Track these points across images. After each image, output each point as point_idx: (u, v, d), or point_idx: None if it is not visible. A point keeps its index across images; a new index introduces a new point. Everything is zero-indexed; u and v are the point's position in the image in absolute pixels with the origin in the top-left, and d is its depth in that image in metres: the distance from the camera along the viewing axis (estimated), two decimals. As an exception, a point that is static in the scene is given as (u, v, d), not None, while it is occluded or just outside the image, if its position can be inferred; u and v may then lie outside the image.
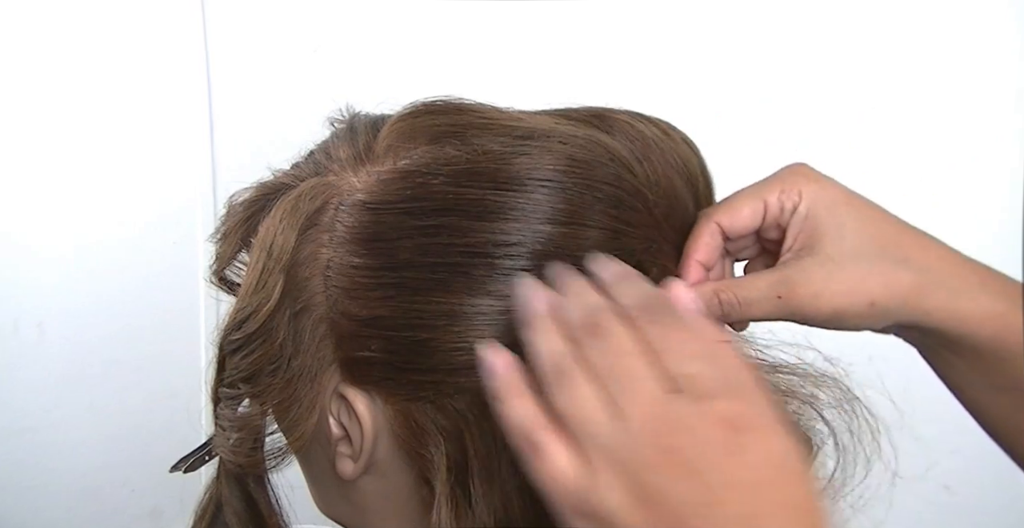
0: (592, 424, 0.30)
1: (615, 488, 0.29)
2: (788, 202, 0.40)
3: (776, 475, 0.28)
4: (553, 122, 0.42)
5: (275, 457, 0.45)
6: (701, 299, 0.39)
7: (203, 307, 1.03)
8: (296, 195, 0.42)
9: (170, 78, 0.99)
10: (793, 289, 0.38)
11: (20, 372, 0.90)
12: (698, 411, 0.29)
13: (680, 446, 0.29)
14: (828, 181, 0.41)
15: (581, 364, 0.32)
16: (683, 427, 0.29)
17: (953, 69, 1.02)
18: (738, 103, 1.13)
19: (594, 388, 0.31)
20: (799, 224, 0.40)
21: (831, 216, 0.39)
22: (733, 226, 0.41)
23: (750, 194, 0.41)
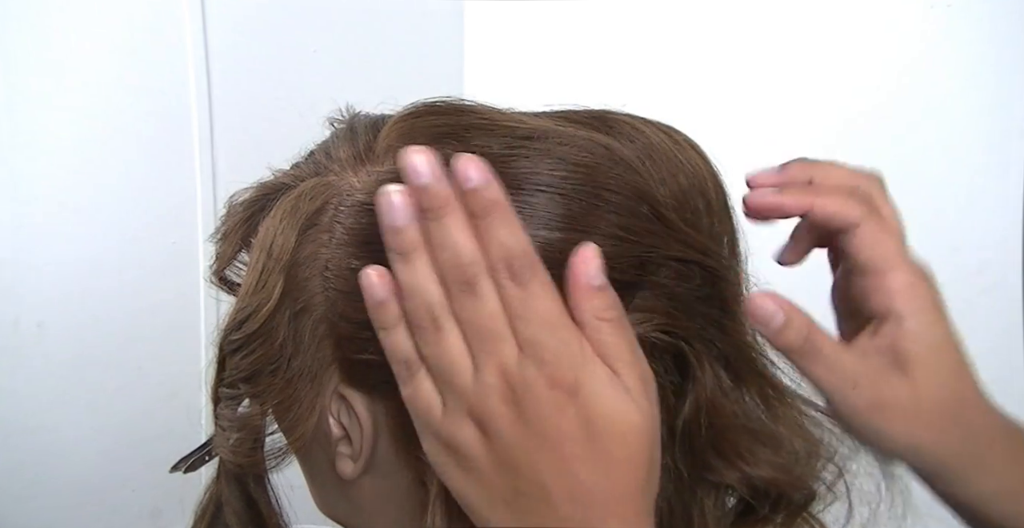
0: (454, 373, 0.36)
1: (464, 424, 0.35)
2: (899, 303, 0.39)
3: (599, 430, 0.34)
4: (554, 124, 0.42)
5: (275, 457, 0.45)
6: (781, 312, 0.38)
7: (203, 307, 1.03)
8: (296, 195, 0.42)
9: (171, 78, 0.99)
10: (869, 393, 0.38)
11: (20, 372, 0.90)
12: (538, 374, 0.34)
13: (521, 400, 0.34)
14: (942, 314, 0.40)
15: (451, 317, 0.36)
16: (525, 386, 0.34)
17: (953, 69, 1.02)
18: (739, 104, 1.13)
19: (460, 341, 0.36)
20: (896, 332, 0.39)
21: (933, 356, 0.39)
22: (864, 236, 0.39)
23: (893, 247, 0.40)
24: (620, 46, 1.21)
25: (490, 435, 0.35)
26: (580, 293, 0.35)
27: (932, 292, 0.40)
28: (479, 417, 0.35)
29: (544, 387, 0.34)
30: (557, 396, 0.34)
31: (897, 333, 0.39)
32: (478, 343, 0.35)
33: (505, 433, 0.35)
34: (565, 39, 1.26)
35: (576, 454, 0.34)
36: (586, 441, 0.34)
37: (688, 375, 0.40)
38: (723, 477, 0.39)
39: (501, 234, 0.35)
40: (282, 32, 1.10)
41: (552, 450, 0.34)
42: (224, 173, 1.03)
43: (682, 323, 0.39)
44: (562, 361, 0.34)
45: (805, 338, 0.38)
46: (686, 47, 1.17)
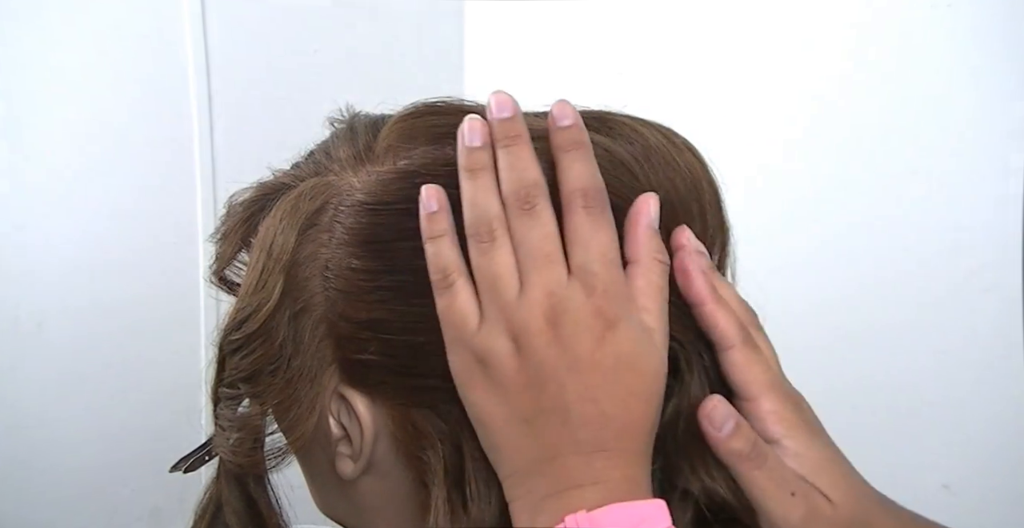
0: (500, 287, 0.37)
1: (500, 337, 0.36)
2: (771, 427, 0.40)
3: (625, 365, 0.36)
4: (554, 124, 0.42)
5: (275, 457, 0.45)
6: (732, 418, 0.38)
7: (203, 307, 1.03)
8: (296, 195, 0.42)
9: (171, 78, 0.99)
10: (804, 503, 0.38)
11: (20, 371, 0.90)
12: (585, 301, 0.36)
13: (562, 322, 0.36)
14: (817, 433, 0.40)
15: (506, 233, 0.37)
16: (569, 309, 0.36)
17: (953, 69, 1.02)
18: (738, 105, 1.13)
19: (511, 258, 0.37)
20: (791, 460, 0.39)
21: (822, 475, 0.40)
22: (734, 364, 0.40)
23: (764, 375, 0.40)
24: (620, 46, 1.21)
25: (524, 351, 0.36)
26: (642, 231, 0.38)
27: (803, 413, 0.41)
28: (517, 332, 0.36)
29: (588, 314, 0.36)
30: (598, 325, 0.36)
31: (782, 455, 0.39)
32: (530, 261, 0.37)
33: (540, 351, 0.36)
34: (565, 39, 1.26)
35: (602, 383, 0.36)
36: (614, 372, 0.36)
37: (678, 377, 0.40)
38: (688, 483, 0.39)
39: (583, 167, 0.37)
40: (282, 32, 1.10)
41: (582, 374, 0.36)
42: (224, 173, 1.03)
43: (676, 327, 0.40)
44: (611, 295, 0.36)
45: (753, 444, 0.38)
46: (686, 47, 1.17)
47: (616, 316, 0.36)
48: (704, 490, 0.39)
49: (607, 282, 0.36)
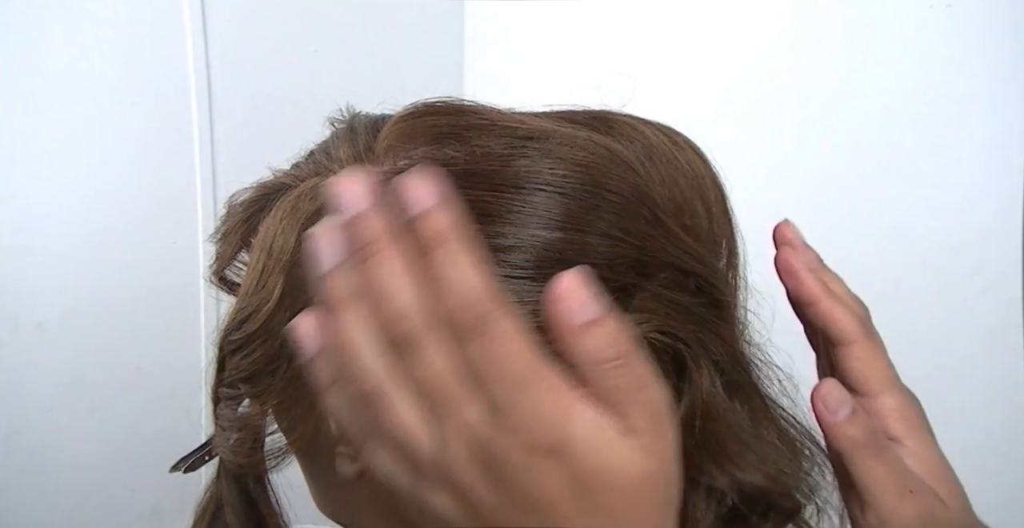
0: (409, 445, 0.31)
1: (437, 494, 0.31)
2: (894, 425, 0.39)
3: (587, 488, 0.29)
4: (554, 124, 0.42)
5: (275, 457, 0.45)
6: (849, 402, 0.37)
7: (203, 307, 1.03)
8: (296, 195, 0.42)
9: (171, 78, 0.99)
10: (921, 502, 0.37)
11: (20, 372, 0.90)
12: (513, 441, 0.29)
13: (496, 469, 0.30)
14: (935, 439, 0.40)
15: (394, 378, 0.30)
16: (498, 455, 0.29)
17: (953, 69, 1.02)
18: (738, 105, 1.13)
19: (414, 409, 0.30)
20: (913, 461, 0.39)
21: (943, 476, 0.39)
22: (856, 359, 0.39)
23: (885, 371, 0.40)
24: (620, 46, 1.21)
25: (466, 503, 0.30)
26: (567, 336, 0.30)
27: (922, 414, 0.40)
28: (451, 488, 0.31)
29: (521, 454, 0.29)
30: (538, 462, 0.29)
31: (907, 456, 0.38)
32: (431, 408, 0.30)
33: (485, 500, 0.30)
34: (565, 39, 1.26)
35: (570, 515, 0.30)
36: (580, 501, 0.30)
37: (685, 377, 0.39)
38: (714, 480, 0.39)
39: (456, 273, 0.29)
40: (282, 32, 1.10)
41: (542, 514, 0.30)
42: (224, 173, 1.03)
43: (680, 325, 0.39)
44: (539, 423, 0.29)
45: (872, 433, 0.37)
46: (686, 47, 1.17)
47: (558, 441, 0.29)
48: (733, 483, 0.39)
49: (529, 411, 0.29)
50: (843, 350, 0.39)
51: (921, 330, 1.04)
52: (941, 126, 1.02)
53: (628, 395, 0.30)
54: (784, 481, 0.38)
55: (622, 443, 0.30)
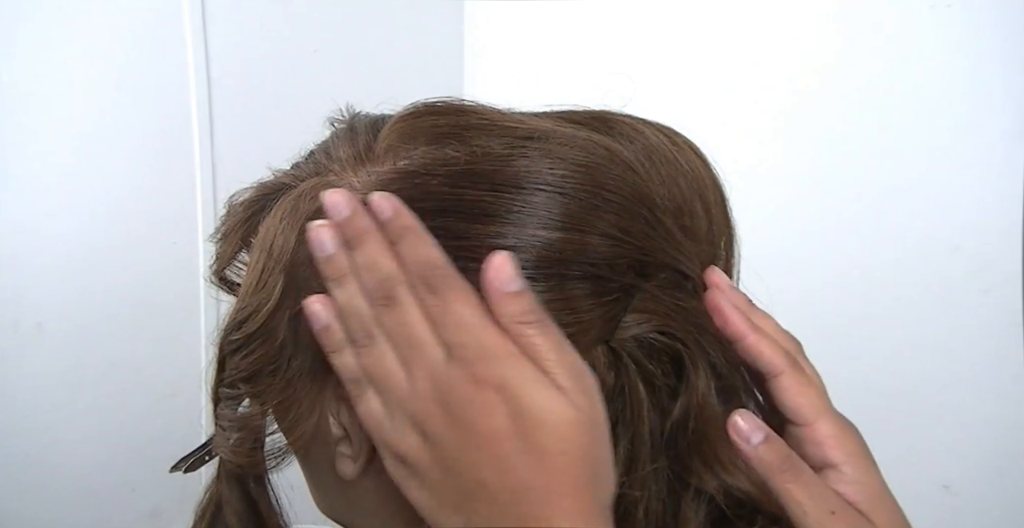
0: (389, 382, 0.37)
1: (409, 433, 0.36)
2: (831, 452, 0.40)
3: (529, 425, 0.34)
4: (554, 124, 0.42)
5: (275, 457, 0.45)
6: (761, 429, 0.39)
7: (203, 307, 1.03)
8: (296, 195, 0.42)
9: (171, 78, 0.99)
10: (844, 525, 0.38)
11: (20, 372, 0.90)
12: (464, 374, 0.35)
13: (450, 401, 0.35)
14: (875, 464, 0.40)
15: (380, 329, 0.37)
16: (454, 387, 0.35)
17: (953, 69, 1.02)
18: (738, 105, 1.13)
19: (391, 351, 0.37)
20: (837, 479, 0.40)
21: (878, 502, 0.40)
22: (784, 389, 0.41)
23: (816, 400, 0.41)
24: (620, 46, 1.21)
25: (429, 440, 0.36)
26: (495, 299, 0.36)
27: (859, 440, 0.41)
28: (418, 423, 0.36)
29: (470, 385, 0.35)
30: (484, 394, 0.35)
31: (841, 481, 0.39)
32: (406, 351, 0.36)
33: (441, 435, 0.35)
34: (565, 39, 1.26)
35: (509, 450, 0.34)
36: (518, 437, 0.34)
37: (682, 378, 0.40)
38: (703, 483, 0.39)
39: (415, 252, 0.36)
40: (282, 32, 1.10)
41: (486, 447, 0.34)
42: (224, 173, 1.03)
43: (680, 326, 0.40)
44: (486, 359, 0.35)
45: (786, 457, 0.38)
46: (686, 47, 1.17)
47: (500, 378, 0.35)
48: (722, 487, 0.39)
49: (477, 349, 0.35)
50: (772, 383, 0.41)
51: (922, 330, 1.04)
52: (941, 126, 1.02)
53: (548, 354, 0.35)
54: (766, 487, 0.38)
55: (553, 393, 0.35)
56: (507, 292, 0.35)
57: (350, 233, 0.37)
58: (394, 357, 0.37)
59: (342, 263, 0.38)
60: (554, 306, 0.38)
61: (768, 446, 0.38)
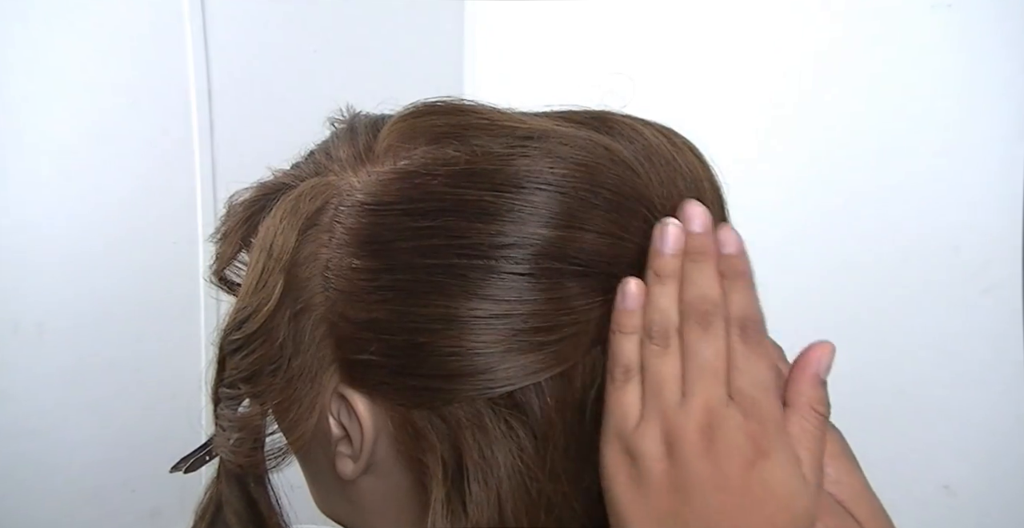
0: (664, 391, 0.37)
1: (655, 439, 0.37)
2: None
3: (773, 496, 0.36)
4: (554, 124, 0.42)
5: (275, 457, 0.45)
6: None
7: (203, 307, 1.03)
8: (296, 195, 0.42)
9: (171, 78, 0.99)
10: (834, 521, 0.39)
11: (20, 372, 0.90)
12: (742, 423, 0.36)
13: (716, 438, 0.36)
14: (856, 463, 0.42)
15: (679, 340, 0.38)
16: (726, 427, 0.36)
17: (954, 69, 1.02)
18: (738, 105, 1.13)
19: (679, 364, 0.38)
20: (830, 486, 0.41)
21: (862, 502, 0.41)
22: None
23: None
24: (620, 46, 1.21)
25: (675, 457, 0.36)
26: (807, 379, 0.38)
27: (842, 441, 0.42)
28: (672, 437, 0.37)
29: (743, 437, 0.36)
30: (750, 450, 0.36)
31: (824, 481, 0.40)
32: (696, 373, 0.37)
33: (691, 461, 0.36)
34: (565, 39, 1.26)
35: (746, 507, 0.36)
36: (760, 501, 0.36)
37: None
38: None
39: (743, 297, 0.38)
40: (282, 32, 1.10)
41: (728, 494, 0.36)
42: (224, 173, 1.03)
43: None
44: (767, 423, 0.36)
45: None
46: (686, 47, 1.17)
47: (770, 446, 0.36)
48: None
49: (764, 411, 0.37)
50: None
51: (922, 330, 1.05)
52: (942, 126, 1.02)
53: (813, 446, 0.37)
54: None
55: (801, 479, 0.37)
56: (821, 378, 0.38)
57: (693, 247, 0.39)
58: (679, 371, 0.38)
59: (675, 264, 0.39)
60: (553, 305, 0.38)
61: None
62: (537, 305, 0.38)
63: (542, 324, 0.38)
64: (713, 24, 1.14)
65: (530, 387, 0.38)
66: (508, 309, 0.37)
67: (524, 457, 0.38)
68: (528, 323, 0.38)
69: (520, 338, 0.38)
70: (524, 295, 0.38)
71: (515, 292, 0.37)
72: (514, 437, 0.39)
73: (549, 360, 0.38)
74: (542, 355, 0.38)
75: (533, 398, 0.38)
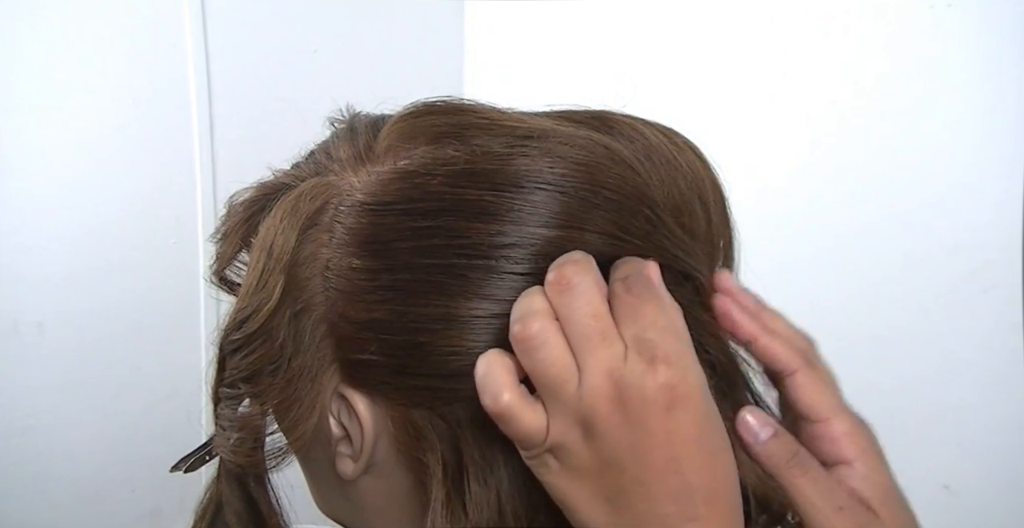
0: (557, 384, 0.35)
1: (570, 429, 0.35)
2: (845, 449, 0.40)
3: (703, 429, 0.35)
4: (554, 124, 0.42)
5: (275, 457, 0.45)
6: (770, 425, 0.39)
7: (203, 307, 1.03)
8: (296, 195, 0.42)
9: (171, 78, 0.99)
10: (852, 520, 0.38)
11: (20, 372, 0.90)
12: (647, 372, 0.34)
13: (626, 399, 0.34)
14: (885, 460, 0.41)
15: (553, 324, 0.36)
16: (630, 384, 0.34)
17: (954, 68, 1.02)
18: (738, 105, 1.13)
19: (562, 347, 0.35)
20: (849, 475, 0.40)
21: (888, 498, 0.40)
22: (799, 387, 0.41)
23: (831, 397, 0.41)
24: (620, 46, 1.21)
25: (596, 437, 0.35)
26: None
27: (871, 437, 0.41)
28: (585, 420, 0.35)
29: (653, 389, 0.34)
30: (664, 397, 0.34)
31: (852, 477, 0.40)
32: (582, 341, 0.35)
33: (612, 434, 0.35)
34: (565, 39, 1.26)
35: (683, 453, 0.35)
36: (694, 441, 0.35)
37: None
38: None
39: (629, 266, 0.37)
40: (282, 32, 1.10)
41: (659, 448, 0.34)
42: (224, 173, 1.03)
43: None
44: (672, 359, 0.35)
45: (794, 452, 0.39)
46: (686, 47, 1.17)
47: (682, 384, 0.35)
48: None
49: (666, 349, 0.35)
50: (787, 381, 0.41)
51: (922, 330, 1.05)
52: (941, 126, 1.02)
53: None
54: (772, 483, 0.39)
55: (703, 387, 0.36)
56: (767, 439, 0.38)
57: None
58: (563, 355, 0.35)
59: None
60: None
61: (777, 441, 0.39)
62: None
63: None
64: (713, 24, 1.14)
65: None
66: (508, 309, 0.37)
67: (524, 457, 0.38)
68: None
69: None
70: (524, 295, 0.37)
71: (515, 292, 0.37)
72: None
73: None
74: (542, 354, 0.38)
75: None
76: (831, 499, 0.38)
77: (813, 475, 0.38)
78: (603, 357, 0.35)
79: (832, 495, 0.38)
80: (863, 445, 0.40)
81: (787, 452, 0.39)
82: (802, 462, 0.39)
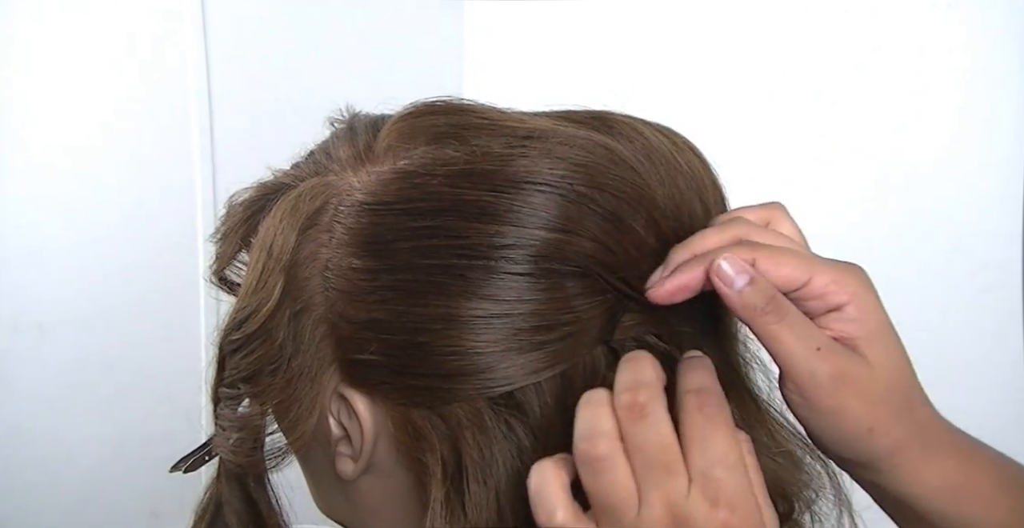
0: (619, 509, 0.34)
1: None
2: (834, 297, 0.38)
3: None
4: (554, 124, 0.42)
5: (275, 457, 0.45)
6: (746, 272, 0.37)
7: (203, 307, 1.03)
8: (296, 195, 0.42)
9: (171, 78, 0.99)
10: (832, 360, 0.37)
11: (20, 372, 0.90)
12: (709, 514, 0.33)
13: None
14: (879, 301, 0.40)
15: (619, 448, 0.35)
16: (691, 522, 0.33)
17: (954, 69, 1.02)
18: (738, 105, 1.13)
19: (627, 474, 0.35)
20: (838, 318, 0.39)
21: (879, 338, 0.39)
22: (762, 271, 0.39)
23: (800, 259, 0.39)
24: (620, 46, 1.21)
25: None
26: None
27: (862, 279, 0.39)
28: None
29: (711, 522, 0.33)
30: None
31: (840, 320, 0.38)
32: (647, 472, 0.34)
33: None
34: (565, 39, 1.26)
35: None
36: None
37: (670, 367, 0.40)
38: None
39: (699, 373, 0.36)
40: (282, 32, 1.10)
41: None
42: (224, 173, 1.03)
43: (676, 329, 0.40)
44: (736, 505, 0.34)
45: (770, 298, 0.37)
46: (685, 47, 1.17)
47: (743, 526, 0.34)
48: None
49: (732, 493, 0.34)
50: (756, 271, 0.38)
51: (922, 330, 1.04)
52: (941, 126, 1.02)
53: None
54: (776, 482, 0.38)
55: None
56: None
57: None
58: (627, 481, 0.35)
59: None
60: (553, 305, 0.38)
61: (753, 288, 0.37)
62: (536, 305, 0.38)
63: (541, 323, 0.38)
64: (713, 24, 1.14)
65: (530, 387, 0.38)
66: (507, 309, 0.37)
67: (523, 457, 0.38)
68: (527, 322, 0.38)
69: (520, 337, 0.38)
70: (523, 295, 0.38)
71: (514, 292, 0.37)
72: (514, 437, 0.39)
73: (549, 359, 0.38)
74: (542, 354, 0.38)
75: (533, 398, 0.38)
76: (807, 341, 0.37)
77: (790, 320, 0.37)
78: (667, 489, 0.34)
79: (809, 338, 0.37)
80: (852, 288, 0.38)
81: (762, 299, 0.37)
82: (778, 308, 0.37)
